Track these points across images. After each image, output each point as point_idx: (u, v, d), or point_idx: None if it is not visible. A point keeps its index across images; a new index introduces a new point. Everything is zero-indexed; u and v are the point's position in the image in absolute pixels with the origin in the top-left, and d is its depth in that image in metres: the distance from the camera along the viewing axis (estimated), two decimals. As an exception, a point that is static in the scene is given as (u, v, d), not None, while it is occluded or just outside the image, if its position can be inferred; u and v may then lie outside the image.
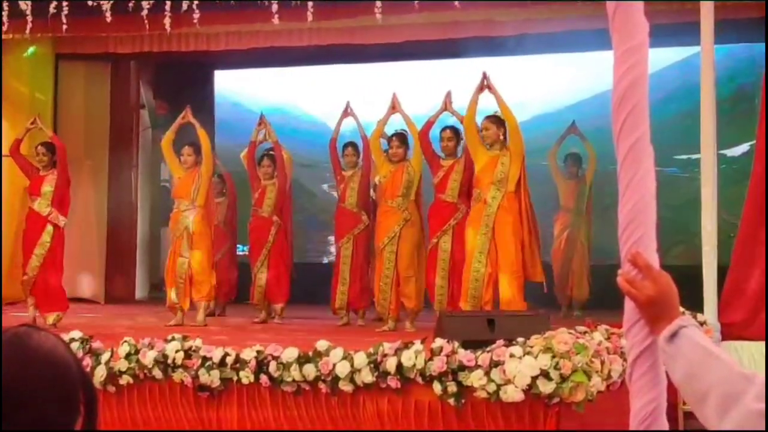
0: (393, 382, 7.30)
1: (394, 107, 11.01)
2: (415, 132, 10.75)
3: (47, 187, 10.80)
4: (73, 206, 11.88)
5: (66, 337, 7.83)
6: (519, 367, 6.87)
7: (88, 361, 7.98)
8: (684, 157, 13.90)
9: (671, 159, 13.91)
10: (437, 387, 7.15)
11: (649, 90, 2.36)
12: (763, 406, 2.09)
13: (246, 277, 12.13)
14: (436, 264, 10.45)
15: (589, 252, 12.74)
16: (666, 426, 2.33)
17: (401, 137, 10.98)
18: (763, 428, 2.08)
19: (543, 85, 14.85)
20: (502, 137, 9.99)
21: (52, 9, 11.84)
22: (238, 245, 13.57)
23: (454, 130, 10.64)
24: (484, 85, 10.14)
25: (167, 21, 11.69)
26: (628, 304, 2.35)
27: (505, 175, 9.77)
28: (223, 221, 13.06)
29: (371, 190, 11.59)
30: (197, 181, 11.19)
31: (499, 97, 9.98)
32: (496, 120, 9.99)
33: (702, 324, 8.52)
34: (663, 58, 13.62)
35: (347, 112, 11.63)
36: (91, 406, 1.94)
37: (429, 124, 10.59)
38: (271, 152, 11.88)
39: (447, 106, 10.52)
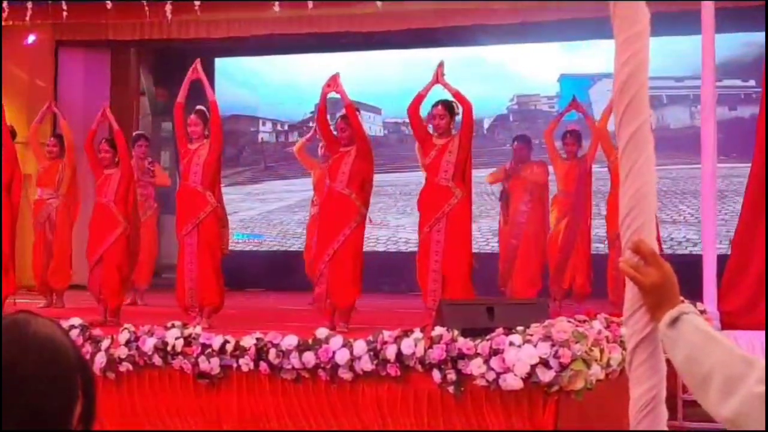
0: (392, 370, 7.30)
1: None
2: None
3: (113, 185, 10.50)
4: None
5: (65, 324, 7.84)
6: (518, 356, 6.87)
7: (88, 348, 7.98)
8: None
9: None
10: (437, 375, 7.15)
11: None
12: (764, 389, 2.09)
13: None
14: (429, 255, 9.50)
15: (589, 241, 11.83)
16: (665, 414, 2.34)
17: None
18: (764, 411, 2.09)
19: (545, 72, 14.85)
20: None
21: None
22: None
23: (447, 106, 9.60)
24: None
25: (168, 8, 11.68)
26: (629, 293, 2.36)
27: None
28: None
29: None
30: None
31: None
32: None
33: (702, 313, 8.52)
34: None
35: (330, 84, 9.91)
36: (90, 392, 1.95)
37: (419, 98, 9.63)
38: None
39: (438, 78, 9.60)
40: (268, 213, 16.40)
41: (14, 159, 10.72)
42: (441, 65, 9.66)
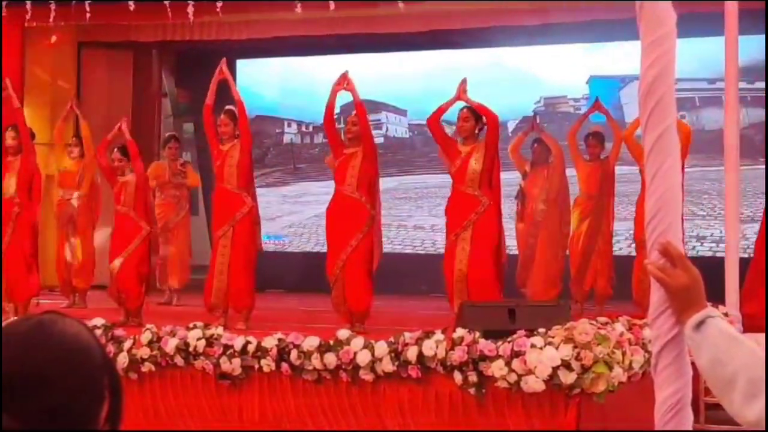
0: (414, 372, 7.31)
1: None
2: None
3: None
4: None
5: (88, 324, 7.85)
6: (540, 358, 6.87)
7: (110, 349, 8.01)
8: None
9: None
10: (458, 377, 7.15)
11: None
12: None
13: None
14: (454, 261, 9.41)
15: (611, 243, 11.76)
16: (691, 417, 2.33)
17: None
18: None
19: (567, 74, 14.80)
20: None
21: (75, -3, 11.89)
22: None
23: (472, 110, 9.52)
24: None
25: (190, 10, 11.70)
26: (655, 295, 2.35)
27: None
28: None
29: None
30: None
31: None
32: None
33: (724, 316, 8.49)
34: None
35: (341, 83, 9.90)
36: (116, 392, 1.95)
37: (440, 111, 9.64)
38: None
39: (461, 94, 9.55)
40: (291, 214, 16.39)
41: (34, 162, 10.76)
42: (464, 82, 9.59)
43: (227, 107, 10.10)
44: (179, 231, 12.61)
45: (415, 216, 15.70)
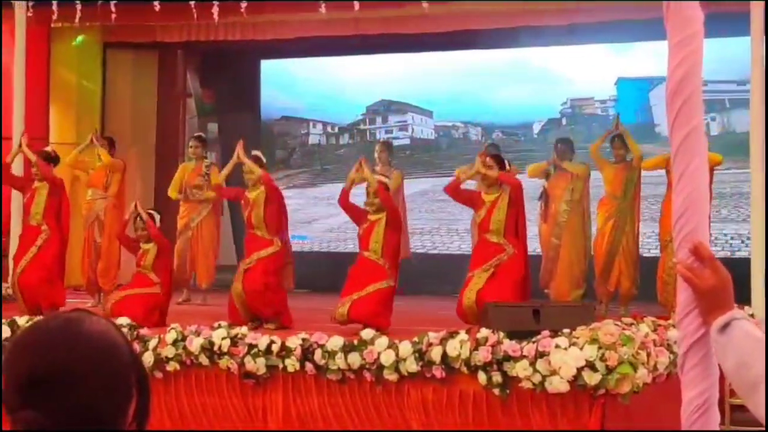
0: (438, 372, 7.31)
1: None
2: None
3: None
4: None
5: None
6: (564, 358, 6.86)
7: (136, 347, 8.04)
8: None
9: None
10: (482, 377, 7.15)
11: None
12: None
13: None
14: (464, 292, 9.18)
15: (636, 244, 11.65)
16: (718, 417, 2.32)
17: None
18: None
19: (594, 75, 14.72)
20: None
21: (101, -2, 11.92)
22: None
23: (496, 158, 9.66)
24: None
25: (215, 10, 11.72)
26: (681, 295, 2.34)
27: None
28: None
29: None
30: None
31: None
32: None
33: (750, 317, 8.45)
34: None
35: (357, 169, 9.90)
36: (144, 390, 1.95)
37: (457, 182, 9.83)
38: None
39: (479, 168, 9.59)
40: (314, 212, 16.36)
41: (61, 187, 10.81)
42: (483, 155, 9.84)
43: (254, 153, 10.18)
44: (203, 231, 12.60)
45: (438, 218, 15.63)
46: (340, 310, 8.93)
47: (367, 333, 7.70)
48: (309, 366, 7.70)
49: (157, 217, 10.51)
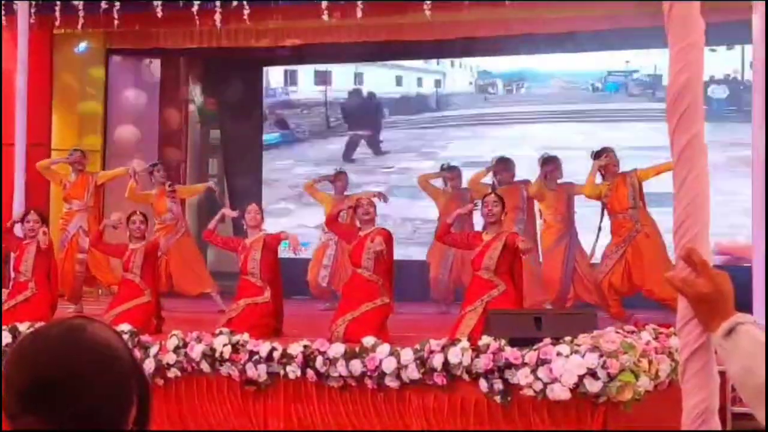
0: (439, 379, 7.31)
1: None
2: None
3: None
4: (123, 201, 12.04)
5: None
6: (566, 366, 6.85)
7: (137, 354, 8.03)
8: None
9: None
10: (483, 384, 7.15)
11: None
12: None
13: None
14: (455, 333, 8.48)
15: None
16: (718, 424, 2.32)
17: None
18: None
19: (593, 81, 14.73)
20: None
21: (103, 4, 11.92)
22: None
23: (499, 197, 9.33)
24: None
25: (217, 17, 11.73)
26: (681, 303, 2.34)
27: None
28: None
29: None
30: None
31: None
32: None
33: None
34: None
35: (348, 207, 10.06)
36: (144, 395, 1.96)
37: (446, 226, 9.54)
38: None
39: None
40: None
41: (51, 253, 10.62)
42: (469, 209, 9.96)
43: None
44: (180, 250, 12.61)
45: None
46: (336, 332, 8.81)
47: (369, 340, 7.69)
48: (310, 373, 7.69)
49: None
